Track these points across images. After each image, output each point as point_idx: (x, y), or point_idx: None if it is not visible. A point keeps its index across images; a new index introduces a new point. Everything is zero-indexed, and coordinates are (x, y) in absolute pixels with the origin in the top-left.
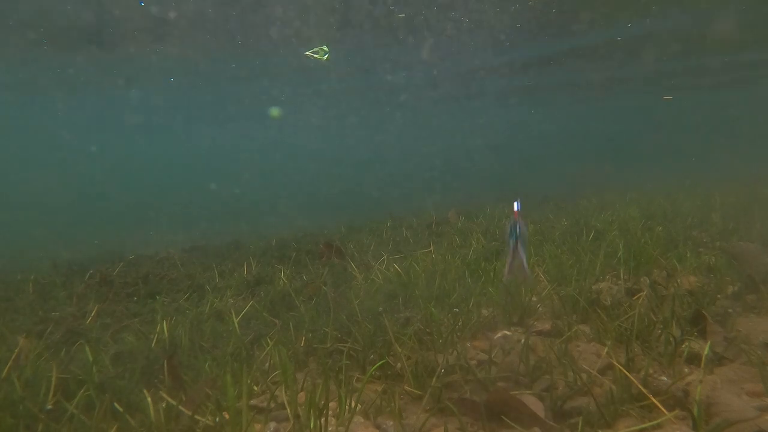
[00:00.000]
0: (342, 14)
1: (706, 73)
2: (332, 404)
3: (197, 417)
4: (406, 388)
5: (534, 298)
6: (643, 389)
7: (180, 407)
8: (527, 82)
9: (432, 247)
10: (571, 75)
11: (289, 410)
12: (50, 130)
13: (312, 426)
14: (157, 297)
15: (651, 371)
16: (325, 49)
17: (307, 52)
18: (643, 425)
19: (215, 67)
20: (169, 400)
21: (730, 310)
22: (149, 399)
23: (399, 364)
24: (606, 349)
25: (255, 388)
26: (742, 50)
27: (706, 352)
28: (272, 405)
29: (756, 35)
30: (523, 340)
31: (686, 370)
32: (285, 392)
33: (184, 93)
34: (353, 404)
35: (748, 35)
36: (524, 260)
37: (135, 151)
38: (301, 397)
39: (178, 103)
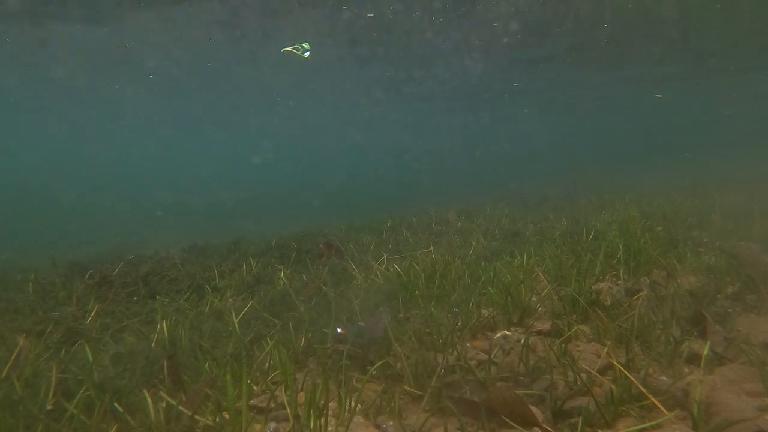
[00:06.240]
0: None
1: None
2: (332, 404)
3: (197, 417)
4: (406, 388)
5: (534, 298)
6: (643, 389)
7: (180, 407)
8: (516, 84)
9: (432, 248)
10: (569, 75)
11: (288, 410)
12: (47, 130)
13: (312, 426)
14: (157, 297)
15: (651, 371)
16: (306, 46)
17: (286, 49)
18: (643, 425)
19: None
20: (169, 400)
21: (730, 310)
22: (149, 399)
23: (399, 364)
24: (606, 349)
25: (255, 388)
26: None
27: (705, 352)
28: (272, 405)
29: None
30: (522, 340)
31: (686, 370)
32: (285, 392)
33: (178, 89)
34: (353, 404)
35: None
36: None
37: (134, 150)
38: (301, 397)
39: (172, 100)
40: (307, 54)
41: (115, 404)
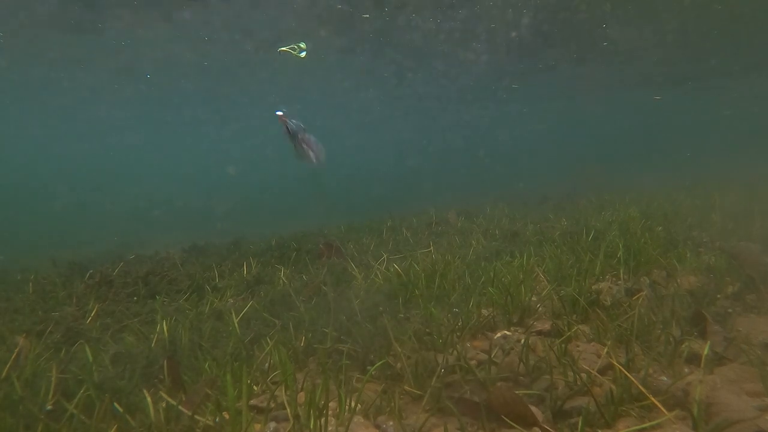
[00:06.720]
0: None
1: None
2: (332, 404)
3: (197, 417)
4: (406, 388)
5: (534, 298)
6: (643, 389)
7: (180, 407)
8: (514, 85)
9: (432, 248)
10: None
11: (288, 410)
12: (47, 130)
13: (312, 426)
14: (157, 297)
15: (651, 371)
16: (302, 46)
17: (282, 48)
18: (643, 425)
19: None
20: (169, 400)
21: (730, 310)
22: (149, 399)
23: (399, 364)
24: (606, 349)
25: (255, 388)
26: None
27: (705, 352)
28: (272, 405)
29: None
30: (522, 340)
31: (686, 370)
32: (285, 392)
33: (177, 89)
34: (353, 404)
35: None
36: (310, 145)
37: (135, 149)
38: (301, 397)
39: (172, 99)
40: (303, 54)
41: (115, 404)
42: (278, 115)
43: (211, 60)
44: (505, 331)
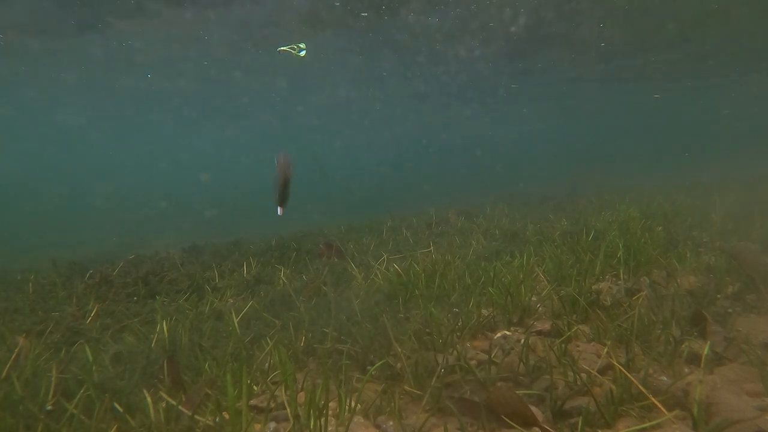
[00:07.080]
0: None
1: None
2: (332, 404)
3: (197, 417)
4: (406, 388)
5: (534, 298)
6: (643, 389)
7: (180, 407)
8: (513, 85)
9: (432, 247)
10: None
11: (288, 410)
12: (47, 130)
13: (312, 426)
14: (157, 297)
15: (651, 371)
16: (302, 45)
17: (282, 48)
18: (643, 425)
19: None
20: (169, 400)
21: (729, 310)
22: (149, 399)
23: (399, 364)
24: (606, 349)
25: (255, 388)
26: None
27: (705, 352)
28: (272, 405)
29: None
30: (522, 340)
31: (686, 370)
32: (285, 392)
33: (177, 89)
34: (353, 404)
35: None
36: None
37: (136, 149)
38: (301, 397)
39: (172, 99)
40: (303, 53)
41: (115, 404)
42: (280, 214)
43: (211, 60)
44: (505, 331)
